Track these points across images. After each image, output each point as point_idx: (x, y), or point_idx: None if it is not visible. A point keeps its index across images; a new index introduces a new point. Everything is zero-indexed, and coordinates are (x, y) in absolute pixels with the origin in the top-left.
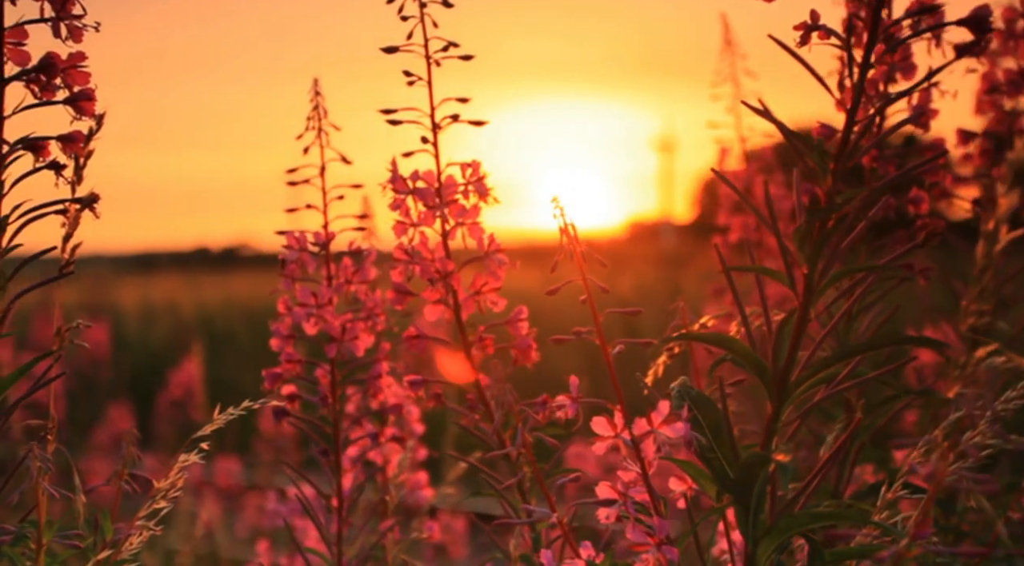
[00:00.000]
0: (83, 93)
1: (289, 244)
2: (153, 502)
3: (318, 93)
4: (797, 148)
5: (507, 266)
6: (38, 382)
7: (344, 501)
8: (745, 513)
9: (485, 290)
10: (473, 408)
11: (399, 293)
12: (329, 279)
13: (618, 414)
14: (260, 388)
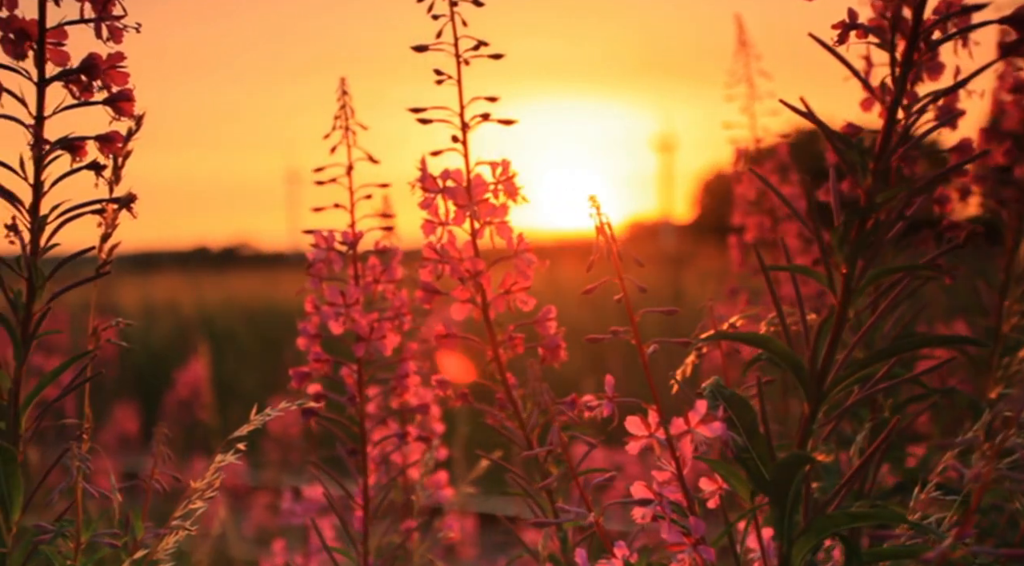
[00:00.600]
0: (122, 93)
1: (317, 243)
2: (189, 502)
3: (345, 92)
4: (838, 148)
5: (536, 265)
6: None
7: (370, 501)
8: (780, 513)
9: (515, 289)
10: (503, 407)
11: (427, 292)
12: (356, 278)
13: (652, 413)
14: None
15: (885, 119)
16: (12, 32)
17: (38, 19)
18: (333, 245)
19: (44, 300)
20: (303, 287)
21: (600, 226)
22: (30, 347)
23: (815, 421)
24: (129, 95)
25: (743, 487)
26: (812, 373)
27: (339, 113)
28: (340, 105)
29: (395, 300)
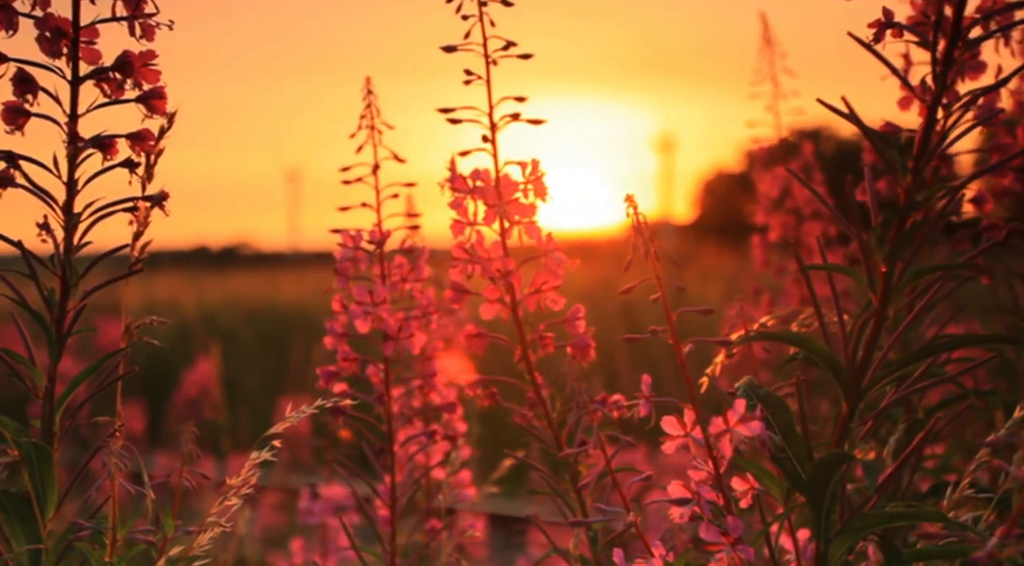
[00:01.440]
0: (154, 91)
1: (344, 242)
2: (225, 499)
3: (370, 91)
4: (878, 147)
5: (567, 265)
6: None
7: (397, 500)
8: (817, 513)
9: (545, 288)
10: (533, 407)
11: (457, 291)
12: (383, 277)
13: (688, 413)
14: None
15: (925, 118)
16: (48, 30)
17: (72, 17)
18: (361, 244)
19: (77, 298)
20: (330, 286)
21: (636, 225)
22: (65, 345)
23: (853, 420)
24: (161, 93)
25: (776, 486)
26: (851, 372)
27: (364, 112)
28: (365, 104)
29: (422, 299)
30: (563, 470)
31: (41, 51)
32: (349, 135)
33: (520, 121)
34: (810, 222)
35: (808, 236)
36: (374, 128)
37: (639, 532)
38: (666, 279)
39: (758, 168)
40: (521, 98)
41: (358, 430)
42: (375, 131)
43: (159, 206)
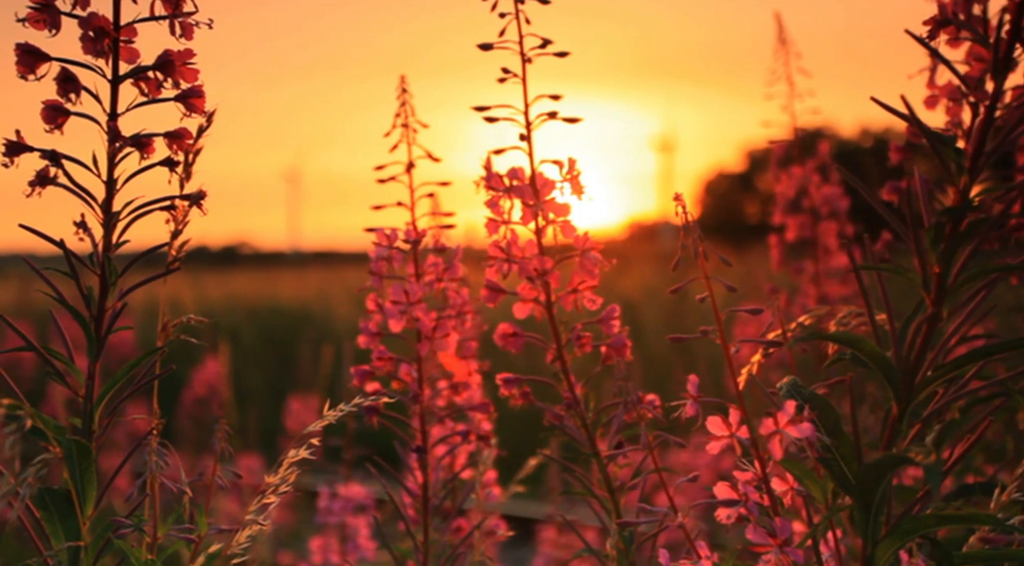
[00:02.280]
0: (193, 90)
1: (379, 241)
2: (263, 497)
3: (405, 90)
4: (935, 146)
5: (603, 264)
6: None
7: (429, 500)
8: (865, 515)
9: (582, 288)
10: (570, 407)
11: (492, 291)
12: (417, 276)
13: (734, 413)
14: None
15: (983, 117)
16: (92, 30)
17: (113, 16)
18: (395, 243)
19: (115, 296)
20: (364, 285)
21: (685, 225)
22: (104, 344)
23: (904, 421)
24: (200, 91)
25: (817, 488)
26: (903, 373)
27: (399, 110)
28: (400, 102)
29: (457, 298)
30: (585, 470)
31: (83, 50)
32: (384, 134)
33: (556, 119)
34: (827, 222)
35: (825, 236)
36: (408, 126)
37: (686, 533)
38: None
39: (774, 168)
40: (556, 96)
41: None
42: (409, 130)
43: (197, 205)
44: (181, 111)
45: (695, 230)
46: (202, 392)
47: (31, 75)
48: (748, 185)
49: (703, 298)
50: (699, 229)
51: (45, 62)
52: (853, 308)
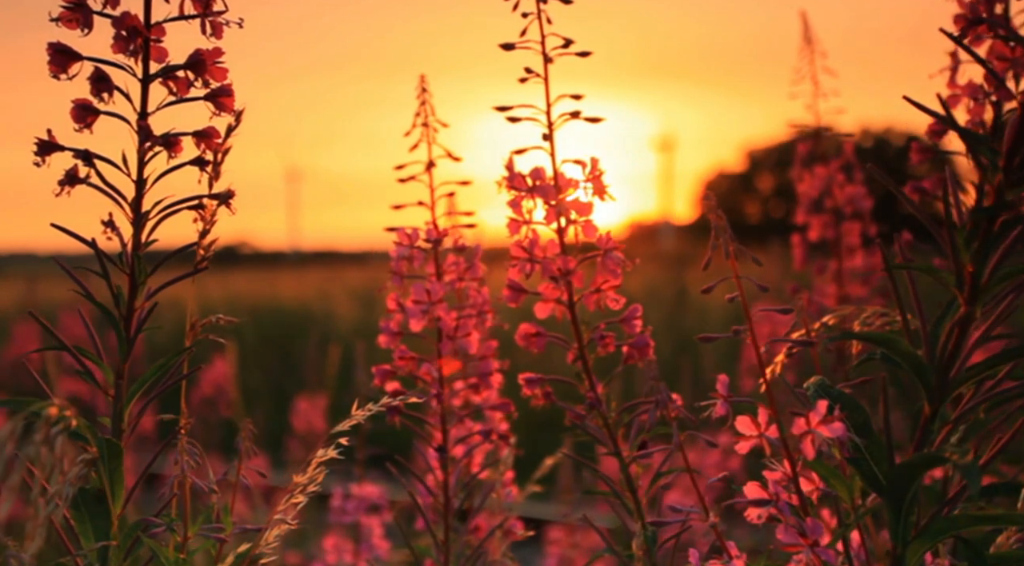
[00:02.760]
0: (223, 89)
1: (400, 240)
2: (291, 496)
3: (425, 89)
4: (970, 145)
5: (625, 264)
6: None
7: (450, 499)
8: (896, 515)
9: (605, 288)
10: (593, 406)
11: (514, 291)
12: (438, 275)
13: (763, 413)
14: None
15: (1019, 114)
16: (125, 29)
17: (143, 16)
18: (416, 243)
19: (143, 296)
20: (385, 284)
21: (716, 225)
22: (135, 343)
23: (936, 421)
24: (230, 90)
25: (843, 487)
26: (936, 373)
27: (419, 110)
28: (420, 102)
29: (478, 298)
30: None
31: (116, 50)
32: (404, 133)
33: (579, 119)
34: (850, 221)
35: (848, 235)
36: (428, 126)
37: (718, 533)
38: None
39: (798, 167)
40: (578, 96)
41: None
42: (430, 129)
43: (225, 204)
44: (210, 110)
45: (726, 230)
46: (209, 392)
47: (63, 74)
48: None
49: (733, 297)
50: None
51: (77, 61)
52: (877, 308)
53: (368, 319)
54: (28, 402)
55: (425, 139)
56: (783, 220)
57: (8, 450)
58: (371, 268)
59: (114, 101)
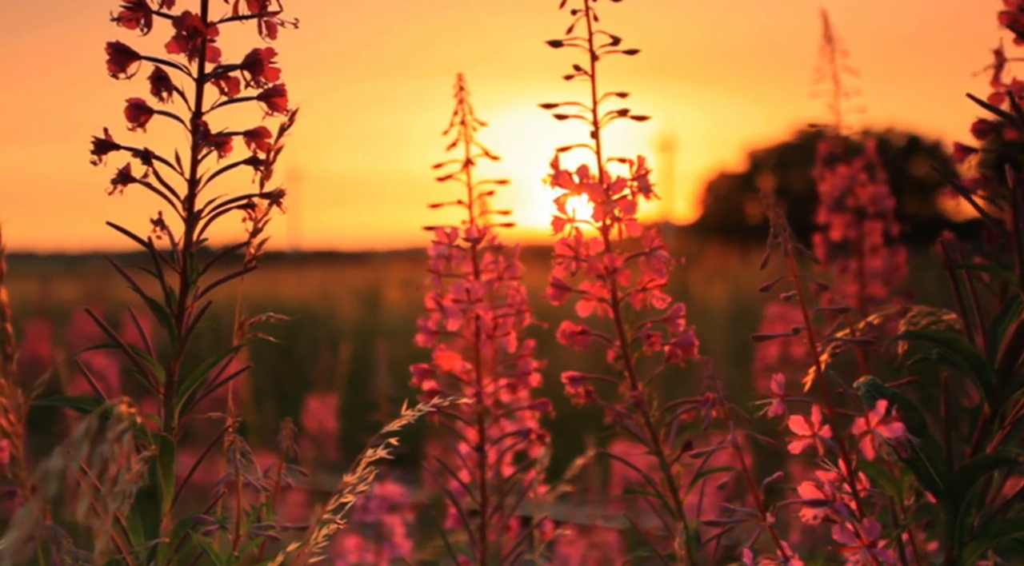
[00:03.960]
0: (276, 89)
1: (439, 239)
2: (340, 495)
3: (462, 88)
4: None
5: (671, 263)
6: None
7: (487, 498)
8: (953, 517)
9: (651, 286)
10: (638, 405)
11: (558, 289)
12: (476, 274)
13: (816, 412)
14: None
15: None
16: (185, 29)
17: (200, 15)
18: (455, 241)
19: (194, 295)
20: (422, 283)
21: (776, 224)
22: (186, 342)
23: (996, 422)
24: (282, 90)
25: (892, 488)
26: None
27: (457, 108)
28: (457, 100)
29: (516, 297)
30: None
31: (175, 49)
32: (442, 132)
33: (626, 117)
34: (872, 221)
35: (870, 235)
36: (466, 124)
37: (773, 534)
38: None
39: (819, 166)
40: (624, 94)
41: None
42: (467, 127)
43: (276, 203)
44: (264, 110)
45: (786, 228)
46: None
47: (121, 74)
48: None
49: (789, 296)
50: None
51: (135, 61)
52: (923, 307)
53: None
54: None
55: (463, 138)
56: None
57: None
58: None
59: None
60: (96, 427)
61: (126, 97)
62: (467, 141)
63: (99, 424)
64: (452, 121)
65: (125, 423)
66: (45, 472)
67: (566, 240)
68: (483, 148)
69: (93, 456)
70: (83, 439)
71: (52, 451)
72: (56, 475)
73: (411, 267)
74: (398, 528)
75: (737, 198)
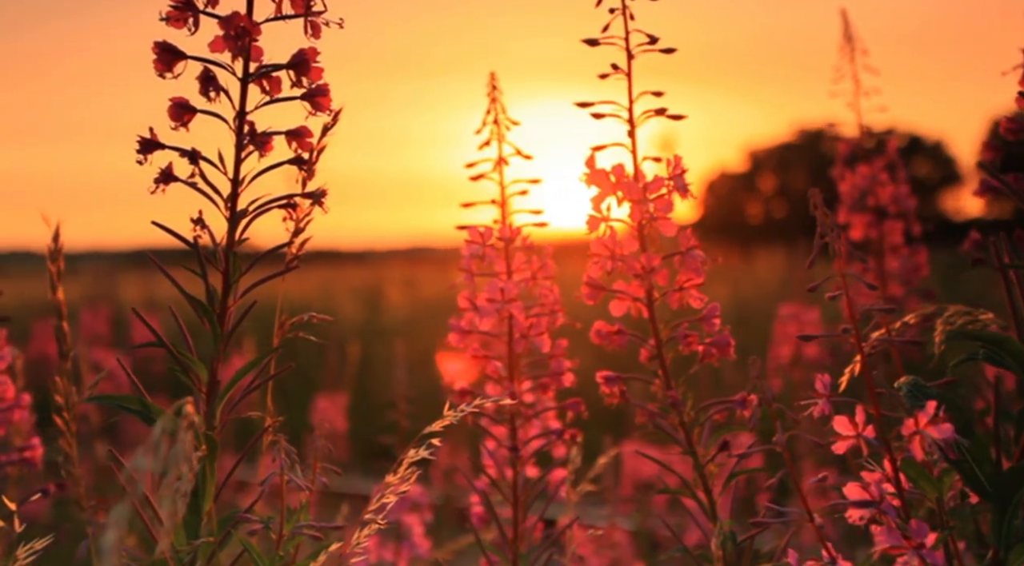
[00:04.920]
0: (320, 89)
1: (472, 239)
2: (382, 495)
3: (495, 87)
4: None
5: (707, 262)
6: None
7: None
8: (1000, 518)
9: (688, 286)
10: (675, 405)
11: (593, 288)
12: (509, 274)
13: (860, 413)
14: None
15: None
16: (233, 29)
17: (246, 15)
18: (489, 241)
19: (235, 294)
20: (455, 282)
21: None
22: (229, 341)
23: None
24: (326, 90)
25: (932, 489)
26: None
27: (489, 107)
28: (490, 99)
29: (549, 296)
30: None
31: (217, 49)
32: (475, 131)
33: (663, 117)
34: (892, 221)
35: (891, 235)
36: (499, 123)
37: (820, 536)
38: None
39: (840, 166)
40: (659, 93)
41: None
42: (500, 126)
43: (318, 203)
44: (307, 109)
45: (836, 227)
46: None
47: (168, 73)
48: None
49: (833, 296)
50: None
51: (181, 60)
52: (960, 307)
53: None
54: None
55: (495, 137)
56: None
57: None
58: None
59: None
60: (172, 426)
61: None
62: (500, 140)
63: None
64: (484, 120)
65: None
66: (133, 471)
67: (602, 239)
68: (516, 147)
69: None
70: (160, 439)
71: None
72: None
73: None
74: (416, 528)
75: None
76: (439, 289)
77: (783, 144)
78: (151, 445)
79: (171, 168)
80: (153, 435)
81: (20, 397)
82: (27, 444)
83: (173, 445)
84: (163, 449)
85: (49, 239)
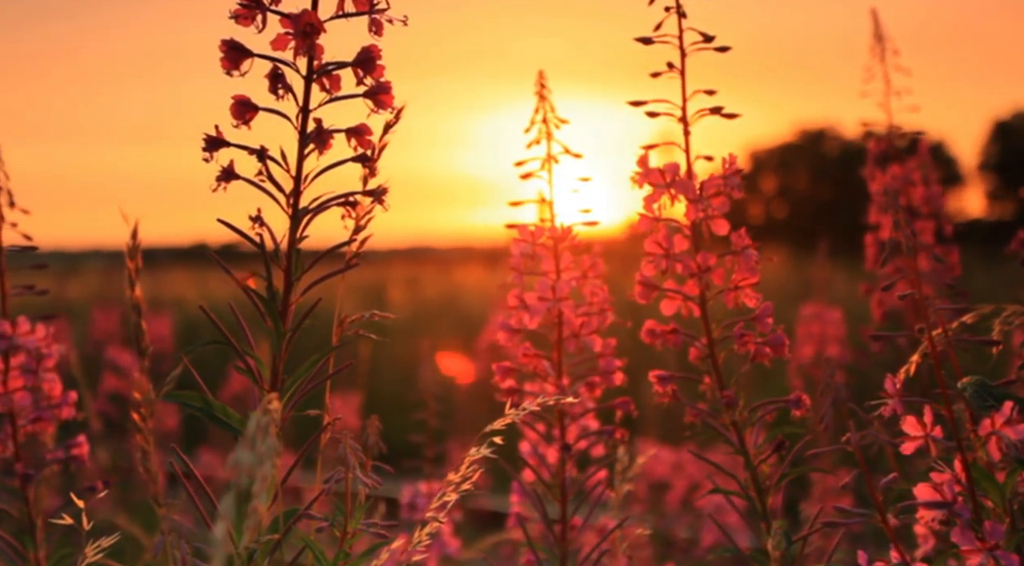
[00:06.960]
0: (382, 86)
1: (523, 238)
2: (444, 494)
3: (543, 85)
4: None
5: (762, 262)
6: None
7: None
8: None
9: (743, 285)
10: (730, 404)
11: (646, 287)
12: (558, 273)
13: (928, 413)
14: None
15: None
16: (303, 27)
17: None
18: (539, 239)
19: (297, 292)
20: (504, 281)
21: (897, 222)
22: (291, 338)
23: None
24: (388, 88)
25: (996, 491)
26: None
27: (538, 106)
28: (539, 98)
29: (599, 295)
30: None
31: (284, 47)
32: (524, 130)
33: (717, 115)
34: (924, 220)
35: (922, 235)
36: (548, 122)
37: (891, 534)
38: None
39: (870, 166)
40: (711, 91)
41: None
42: (549, 125)
43: (379, 201)
44: (369, 107)
45: (908, 224)
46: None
47: (235, 71)
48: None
49: (904, 295)
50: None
51: (248, 58)
52: (1018, 307)
53: None
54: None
55: (544, 136)
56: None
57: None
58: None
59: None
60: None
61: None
62: (548, 138)
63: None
64: (533, 119)
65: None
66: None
67: (656, 238)
68: (564, 146)
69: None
70: (256, 434)
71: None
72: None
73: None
74: (446, 526)
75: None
76: (440, 289)
77: (784, 144)
78: (248, 440)
79: (232, 166)
80: (248, 430)
81: (67, 394)
82: (74, 441)
83: (265, 440)
84: (258, 444)
85: (127, 236)
